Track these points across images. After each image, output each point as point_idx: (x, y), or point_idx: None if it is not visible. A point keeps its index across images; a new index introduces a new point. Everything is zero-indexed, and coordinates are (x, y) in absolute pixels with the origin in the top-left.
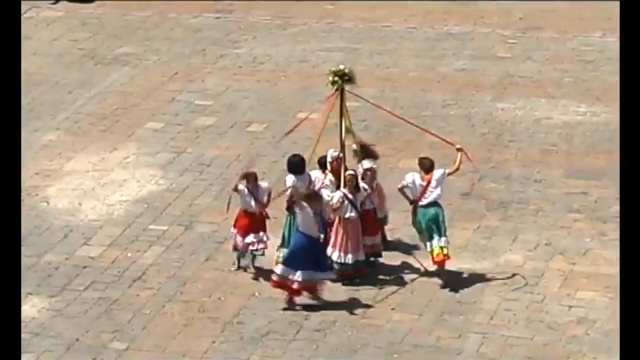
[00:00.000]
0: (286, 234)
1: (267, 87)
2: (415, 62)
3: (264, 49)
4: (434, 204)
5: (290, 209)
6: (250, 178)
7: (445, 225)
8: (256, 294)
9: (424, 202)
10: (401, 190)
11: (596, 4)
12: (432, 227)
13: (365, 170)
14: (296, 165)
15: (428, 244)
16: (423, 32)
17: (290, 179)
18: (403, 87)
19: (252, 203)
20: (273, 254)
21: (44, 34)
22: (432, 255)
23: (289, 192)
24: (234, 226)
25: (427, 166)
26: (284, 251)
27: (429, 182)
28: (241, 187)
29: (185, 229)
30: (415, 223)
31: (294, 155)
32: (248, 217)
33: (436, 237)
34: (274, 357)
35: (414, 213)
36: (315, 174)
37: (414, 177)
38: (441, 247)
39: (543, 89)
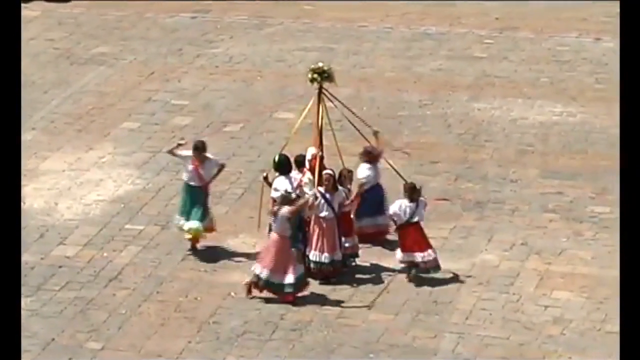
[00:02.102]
0: None
1: (243, 87)
2: (391, 62)
3: (241, 49)
4: None
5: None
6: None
7: None
8: (232, 294)
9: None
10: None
11: (572, 5)
12: None
13: (343, 171)
14: (285, 164)
15: None
16: (399, 33)
17: (282, 182)
18: (379, 87)
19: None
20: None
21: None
22: None
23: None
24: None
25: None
26: None
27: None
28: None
29: (161, 228)
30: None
31: (281, 155)
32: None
33: None
34: (250, 357)
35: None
36: (293, 173)
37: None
38: None
39: (519, 89)
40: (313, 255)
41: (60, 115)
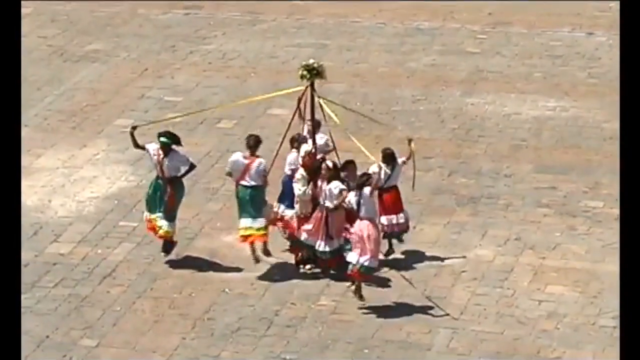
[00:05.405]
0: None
1: (236, 83)
2: (384, 57)
3: (234, 45)
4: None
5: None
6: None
7: None
8: (226, 290)
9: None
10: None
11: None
12: None
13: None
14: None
15: None
16: (392, 28)
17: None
18: (373, 83)
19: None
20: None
21: None
22: None
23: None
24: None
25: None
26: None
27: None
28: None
29: None
30: None
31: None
32: None
33: None
34: (244, 353)
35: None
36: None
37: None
38: None
39: (512, 84)
40: (319, 245)
41: (53, 112)
